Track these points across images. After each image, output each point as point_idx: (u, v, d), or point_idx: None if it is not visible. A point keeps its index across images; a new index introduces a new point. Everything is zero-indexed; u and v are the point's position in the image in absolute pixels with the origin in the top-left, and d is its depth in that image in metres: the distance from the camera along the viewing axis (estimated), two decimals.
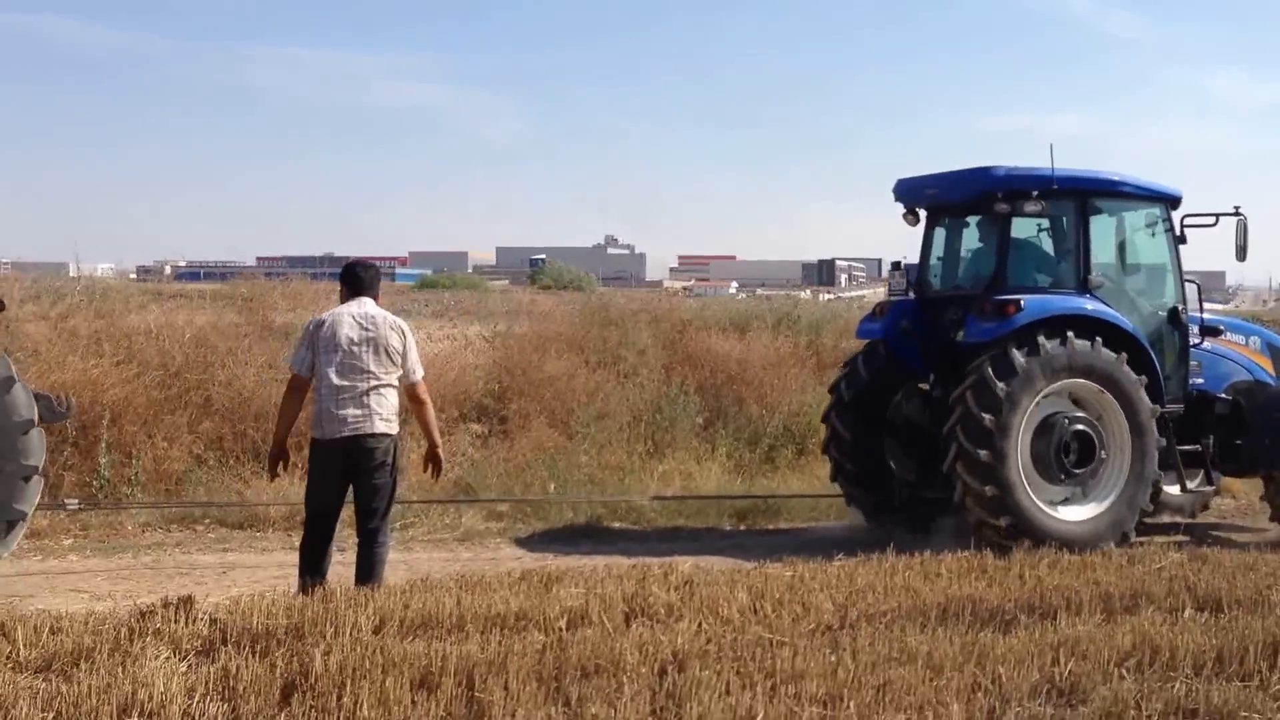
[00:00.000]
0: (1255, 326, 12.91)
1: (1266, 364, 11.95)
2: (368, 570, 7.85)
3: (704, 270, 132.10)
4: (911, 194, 11.75)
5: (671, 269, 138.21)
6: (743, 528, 11.44)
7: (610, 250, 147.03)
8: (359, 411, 7.69)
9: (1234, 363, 11.77)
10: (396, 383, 7.90)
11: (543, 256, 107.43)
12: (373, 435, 7.72)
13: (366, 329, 7.81)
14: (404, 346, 7.90)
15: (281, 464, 8.05)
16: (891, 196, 11.85)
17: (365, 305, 7.99)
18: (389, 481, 7.87)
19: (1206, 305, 11.96)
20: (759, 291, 65.58)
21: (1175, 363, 11.24)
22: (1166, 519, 12.11)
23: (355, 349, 7.74)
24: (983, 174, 10.85)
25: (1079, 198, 10.88)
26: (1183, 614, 7.76)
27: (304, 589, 7.57)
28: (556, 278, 70.96)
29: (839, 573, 8.63)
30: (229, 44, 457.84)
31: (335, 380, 7.67)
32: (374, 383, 7.74)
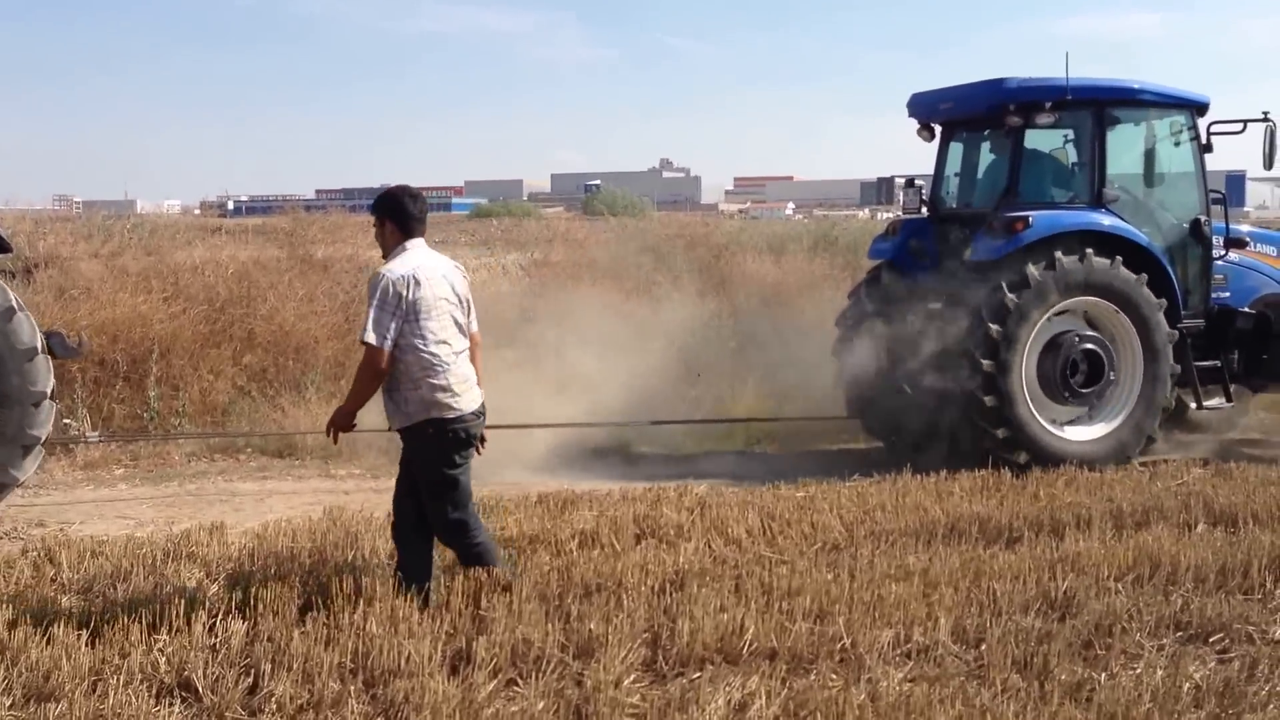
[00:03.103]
0: None
1: None
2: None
3: (760, 192, 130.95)
4: (925, 109, 11.64)
5: (727, 191, 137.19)
6: (770, 451, 11.61)
7: (665, 174, 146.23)
8: (474, 379, 6.41)
9: (1264, 275, 11.52)
10: None
11: (597, 182, 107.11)
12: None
13: (453, 283, 6.36)
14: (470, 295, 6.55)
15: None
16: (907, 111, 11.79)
17: (432, 253, 6.46)
18: None
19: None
20: (815, 212, 64.93)
21: (1197, 276, 11.05)
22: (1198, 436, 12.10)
23: (454, 310, 6.32)
24: (995, 86, 10.71)
25: (1095, 108, 10.68)
26: (1194, 529, 7.86)
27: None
28: (610, 204, 70.62)
29: (851, 493, 8.83)
30: None
31: (452, 350, 6.21)
32: (468, 347, 6.44)
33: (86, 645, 5.46)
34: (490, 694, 4.94)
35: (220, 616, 5.84)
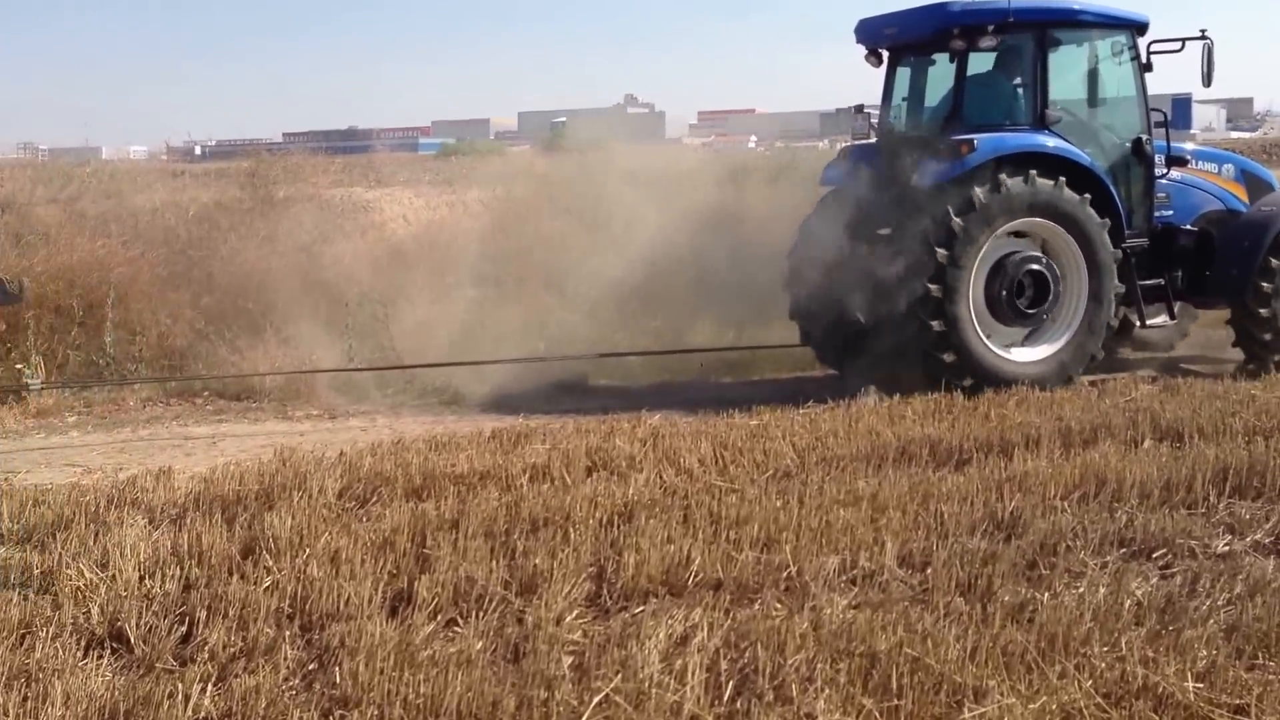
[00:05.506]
0: (1229, 154, 12.69)
1: (1240, 191, 11.78)
2: None
3: (723, 125, 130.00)
4: (872, 35, 11.61)
5: (691, 125, 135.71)
6: (727, 380, 11.56)
7: (630, 109, 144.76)
8: None
9: (1205, 192, 11.62)
10: None
11: (563, 119, 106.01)
12: None
13: None
14: None
15: None
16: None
17: None
18: None
19: (1235, 133, 11.79)
20: (778, 144, 64.34)
21: (1140, 195, 11.10)
22: (1144, 354, 12.19)
23: None
24: (939, 10, 10.75)
25: (1037, 30, 10.73)
26: (1141, 446, 7.88)
27: None
28: (575, 139, 69.65)
29: (804, 420, 8.81)
30: None
31: None
32: None
33: (19, 597, 5.39)
34: (428, 635, 4.89)
35: (158, 564, 5.77)
